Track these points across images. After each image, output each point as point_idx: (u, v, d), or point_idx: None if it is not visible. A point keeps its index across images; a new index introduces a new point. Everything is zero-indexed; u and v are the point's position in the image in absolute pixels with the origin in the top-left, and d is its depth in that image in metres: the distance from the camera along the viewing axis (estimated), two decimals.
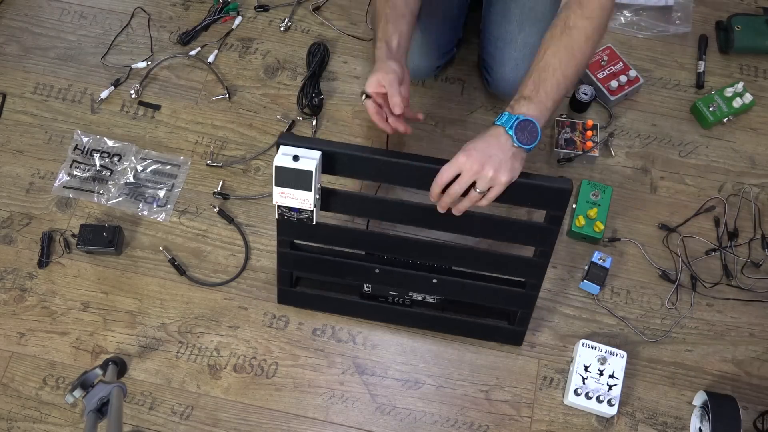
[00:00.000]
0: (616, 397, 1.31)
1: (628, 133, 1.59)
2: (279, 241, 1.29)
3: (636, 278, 1.46)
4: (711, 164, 1.56)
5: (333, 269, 1.34)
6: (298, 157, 1.10)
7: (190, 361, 1.38)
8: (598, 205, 1.45)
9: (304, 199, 1.13)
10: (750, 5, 1.74)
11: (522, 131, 1.08)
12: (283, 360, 1.39)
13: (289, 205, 1.16)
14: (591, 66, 1.60)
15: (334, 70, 1.65)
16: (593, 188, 1.47)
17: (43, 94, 1.63)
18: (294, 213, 1.17)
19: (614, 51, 1.62)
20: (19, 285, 1.44)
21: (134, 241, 1.48)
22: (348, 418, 1.35)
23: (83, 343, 1.40)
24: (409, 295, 1.37)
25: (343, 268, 1.33)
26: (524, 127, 1.08)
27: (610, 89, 1.58)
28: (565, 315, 1.43)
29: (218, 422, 1.34)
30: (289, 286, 1.38)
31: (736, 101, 1.57)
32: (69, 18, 1.72)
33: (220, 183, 1.52)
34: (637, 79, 1.60)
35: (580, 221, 1.44)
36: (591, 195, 1.46)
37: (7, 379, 1.37)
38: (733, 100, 1.57)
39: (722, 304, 1.43)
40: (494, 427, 1.34)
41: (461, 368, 1.39)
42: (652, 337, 1.39)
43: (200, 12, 1.72)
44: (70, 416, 1.34)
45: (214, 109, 1.61)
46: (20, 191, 1.52)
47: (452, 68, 1.65)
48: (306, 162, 1.10)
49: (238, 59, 1.67)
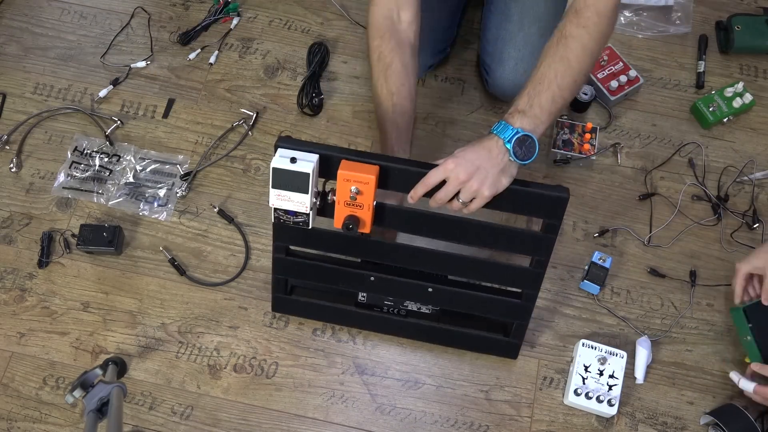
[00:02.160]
0: (616, 397, 1.31)
1: (628, 133, 1.59)
2: (275, 246, 1.27)
3: (636, 278, 1.46)
4: (711, 164, 1.56)
5: (328, 276, 1.32)
6: (296, 159, 1.09)
7: (190, 361, 1.38)
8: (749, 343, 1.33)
9: (300, 201, 1.12)
10: (750, 5, 1.74)
11: (520, 146, 1.08)
12: (283, 360, 1.39)
13: (286, 208, 1.15)
14: None
15: (334, 70, 1.66)
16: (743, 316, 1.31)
17: (43, 94, 1.63)
18: (290, 216, 1.16)
19: (614, 51, 1.62)
20: (19, 285, 1.44)
21: (134, 241, 1.48)
22: (348, 418, 1.35)
23: (83, 343, 1.40)
24: (404, 305, 1.35)
25: (339, 276, 1.31)
26: (523, 141, 1.08)
27: (610, 89, 1.58)
28: (565, 315, 1.43)
29: (218, 422, 1.34)
30: (284, 294, 1.37)
31: (736, 101, 1.57)
32: (69, 18, 1.72)
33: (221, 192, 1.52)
34: (637, 79, 1.60)
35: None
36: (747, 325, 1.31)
37: (7, 379, 1.37)
38: (733, 100, 1.57)
39: (722, 304, 1.43)
40: (494, 427, 1.34)
41: (461, 368, 1.39)
42: (652, 337, 1.39)
43: (200, 12, 1.72)
44: (70, 416, 1.34)
45: (214, 109, 1.61)
46: (20, 191, 1.52)
47: (452, 68, 1.66)
48: (303, 164, 1.09)
49: (238, 59, 1.67)
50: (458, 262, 1.27)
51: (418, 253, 1.26)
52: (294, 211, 1.15)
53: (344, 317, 1.39)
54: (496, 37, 1.49)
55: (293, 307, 1.40)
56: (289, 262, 1.31)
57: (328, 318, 1.40)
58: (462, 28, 1.68)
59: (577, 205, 1.52)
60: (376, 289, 1.33)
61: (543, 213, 1.15)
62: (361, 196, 1.11)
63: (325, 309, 1.39)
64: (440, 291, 1.30)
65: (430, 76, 1.65)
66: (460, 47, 1.68)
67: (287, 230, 1.23)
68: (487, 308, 1.31)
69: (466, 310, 1.33)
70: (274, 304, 1.40)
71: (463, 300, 1.31)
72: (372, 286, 1.32)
